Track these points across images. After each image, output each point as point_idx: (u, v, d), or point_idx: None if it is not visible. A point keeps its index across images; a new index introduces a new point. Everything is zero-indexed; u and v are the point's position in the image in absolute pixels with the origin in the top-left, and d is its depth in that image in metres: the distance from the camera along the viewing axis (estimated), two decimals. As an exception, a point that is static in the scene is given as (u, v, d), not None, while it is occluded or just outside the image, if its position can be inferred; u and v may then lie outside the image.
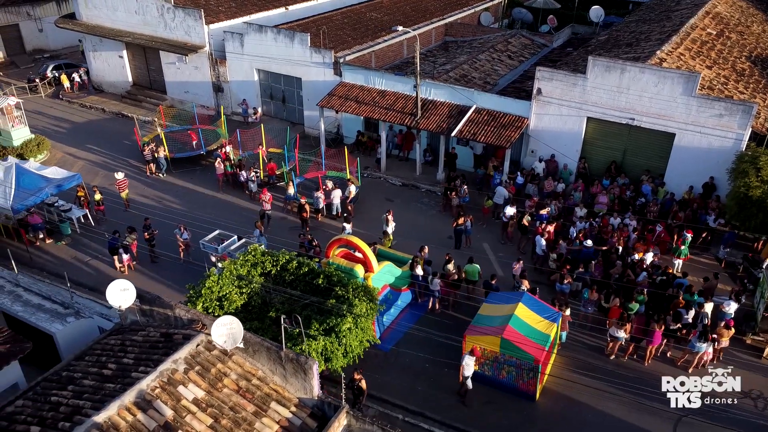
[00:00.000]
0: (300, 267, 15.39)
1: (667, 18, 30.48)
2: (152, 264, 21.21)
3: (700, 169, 21.82)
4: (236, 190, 25.94)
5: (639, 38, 27.76)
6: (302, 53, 28.88)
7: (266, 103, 32.46)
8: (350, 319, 13.72)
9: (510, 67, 30.18)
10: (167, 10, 31.73)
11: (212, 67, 32.35)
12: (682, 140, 21.82)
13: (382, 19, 34.26)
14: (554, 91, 23.36)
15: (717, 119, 20.88)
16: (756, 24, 31.63)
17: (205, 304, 14.20)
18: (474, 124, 24.49)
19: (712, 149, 21.34)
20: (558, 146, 24.18)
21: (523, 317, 15.41)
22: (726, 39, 27.72)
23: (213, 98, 33.27)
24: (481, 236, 22.40)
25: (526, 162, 25.33)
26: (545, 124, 24.13)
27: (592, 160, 24.18)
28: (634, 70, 21.56)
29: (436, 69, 28.39)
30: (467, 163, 26.78)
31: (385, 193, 26.02)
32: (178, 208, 24.42)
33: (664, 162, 22.67)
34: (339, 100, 27.31)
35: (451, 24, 36.92)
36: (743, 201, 18.24)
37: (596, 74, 22.30)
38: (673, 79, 21.04)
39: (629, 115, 22.29)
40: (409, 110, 25.76)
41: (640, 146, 23.05)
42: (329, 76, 28.65)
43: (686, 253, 19.92)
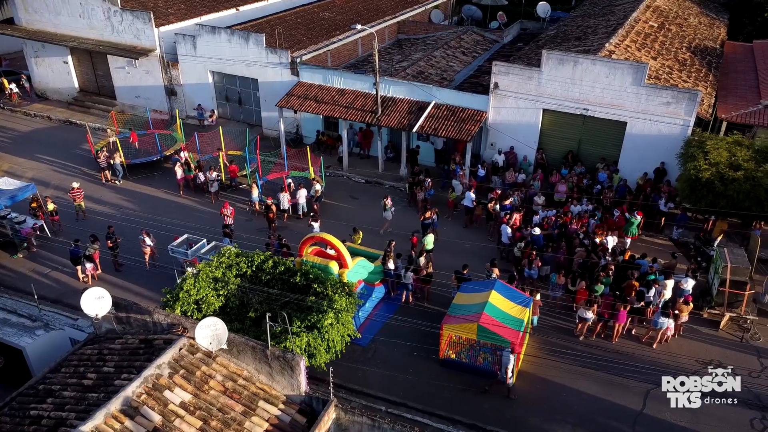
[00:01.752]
0: (276, 266, 15.37)
1: (610, 12, 31.71)
2: (117, 272, 20.68)
3: (651, 156, 22.85)
4: (197, 194, 25.56)
5: (587, 32, 28.79)
6: (258, 54, 28.66)
7: (222, 106, 32.04)
8: (331, 315, 13.82)
9: (465, 63, 30.76)
10: (114, 14, 30.90)
11: (164, 70, 31.69)
12: (633, 128, 22.80)
13: (335, 19, 34.33)
14: (511, 85, 24.00)
15: (665, 107, 21.92)
16: (692, 16, 33.26)
17: (183, 308, 14.02)
18: (434, 120, 24.89)
19: (662, 136, 22.39)
20: (516, 138, 24.86)
21: (497, 304, 15.84)
22: (667, 31, 29.07)
23: (166, 102, 32.60)
24: (447, 228, 22.80)
25: (486, 155, 25.91)
26: (503, 117, 24.76)
27: (550, 150, 24.97)
28: (586, 62, 22.39)
29: (394, 66, 28.68)
30: (429, 159, 27.19)
31: (350, 190, 26.14)
32: (138, 215, 23.86)
33: (618, 150, 23.63)
34: (298, 100, 27.25)
35: (404, 22, 37.32)
36: (694, 183, 19.23)
37: (550, 67, 23.04)
38: (623, 70, 21.97)
39: (583, 106, 23.13)
40: (369, 108, 25.95)
41: (595, 135, 23.96)
42: (286, 76, 28.53)
43: (635, 232, 20.90)
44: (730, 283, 17.19)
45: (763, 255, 19.51)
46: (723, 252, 17.86)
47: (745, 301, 17.31)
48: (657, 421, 14.88)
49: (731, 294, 17.32)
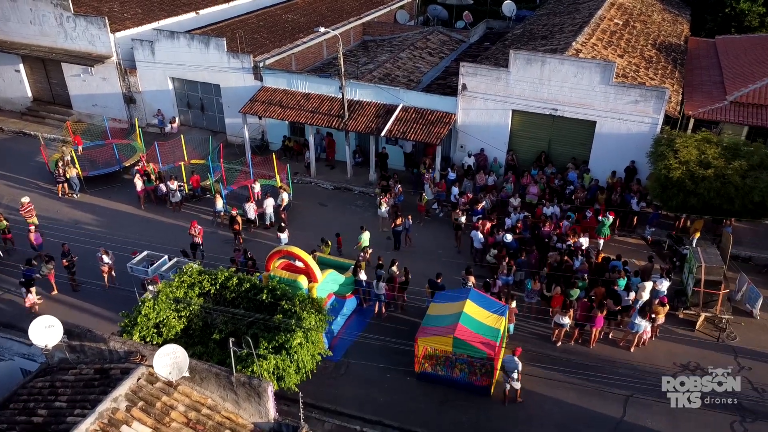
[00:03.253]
0: (241, 283, 14.64)
1: (576, 10, 31.65)
2: (75, 292, 19.65)
3: (621, 154, 22.73)
4: (159, 206, 24.58)
5: (553, 30, 28.64)
6: (219, 59, 27.76)
7: (184, 113, 31.02)
8: (300, 334, 13.16)
9: (432, 64, 30.34)
10: (67, 20, 29.64)
11: (122, 77, 30.54)
12: (602, 127, 22.64)
13: (298, 21, 33.58)
14: (479, 86, 23.63)
15: (633, 105, 21.79)
16: (656, 13, 33.44)
17: (142, 333, 13.20)
18: (402, 123, 24.38)
19: (631, 134, 22.27)
20: (486, 140, 24.50)
21: (472, 314, 15.38)
22: (632, 29, 29.10)
23: (125, 110, 31.43)
24: (419, 234, 22.30)
25: (456, 157, 25.51)
26: (472, 119, 24.38)
27: (521, 151, 24.68)
28: (554, 61, 22.13)
29: (360, 69, 28.09)
30: (398, 163, 26.67)
31: (318, 197, 25.47)
32: (97, 230, 22.83)
33: (588, 149, 23.46)
34: (262, 105, 26.45)
35: (369, 23, 36.76)
36: (664, 182, 19.10)
37: (518, 67, 22.73)
38: (591, 69, 21.77)
39: (552, 106, 22.89)
40: (335, 112, 25.32)
41: (564, 135, 23.74)
42: (249, 81, 27.70)
43: (607, 233, 20.70)
44: (705, 283, 17.05)
45: (734, 252, 19.46)
46: (697, 251, 17.74)
47: (720, 301, 17.20)
48: (638, 428, 14.60)
49: (706, 294, 17.18)
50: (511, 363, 14.78)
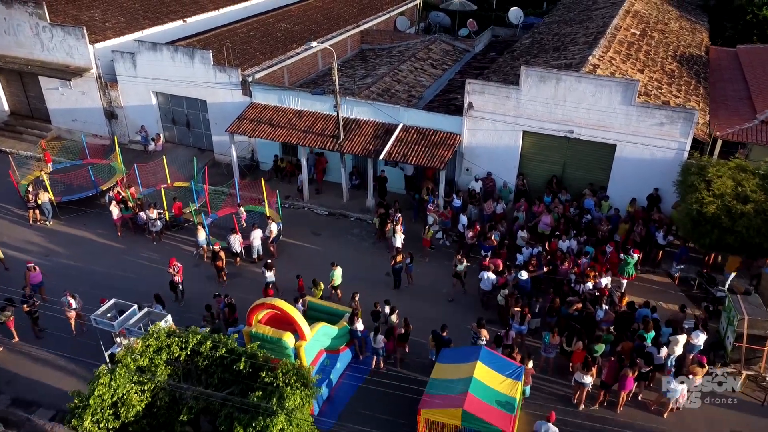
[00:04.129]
0: (216, 348, 12.59)
1: (588, 18, 29.58)
2: (38, 339, 17.59)
3: (643, 181, 20.66)
4: (138, 234, 22.56)
5: (565, 41, 26.56)
6: (205, 73, 25.71)
7: (169, 129, 28.97)
8: (282, 419, 11.11)
9: (434, 77, 28.28)
10: (43, 29, 27.59)
11: (102, 91, 28.49)
12: (623, 151, 20.57)
13: (292, 30, 31.50)
14: (486, 105, 21.57)
15: (658, 128, 19.73)
16: (673, 21, 31.37)
17: (95, 417, 11.16)
18: (403, 144, 22.33)
19: (655, 159, 20.21)
20: (494, 163, 22.46)
21: (483, 379, 13.35)
22: (650, 39, 27.03)
23: (107, 126, 29.40)
24: (423, 271, 20.24)
25: (461, 181, 23.44)
26: (479, 140, 22.32)
27: (532, 175, 22.60)
28: (570, 79, 20.07)
29: (357, 84, 26.03)
30: (398, 185, 24.61)
31: (311, 224, 23.41)
32: (69, 264, 20.84)
33: (606, 174, 21.39)
34: (251, 124, 24.40)
35: (367, 31, 34.67)
36: (697, 218, 17.01)
37: (530, 85, 20.67)
38: (611, 88, 19.71)
39: (567, 127, 20.82)
40: (330, 132, 23.26)
41: (581, 159, 21.67)
42: (238, 97, 25.66)
43: (632, 272, 18.60)
44: (748, 338, 14.99)
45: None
46: (737, 301, 15.64)
47: (765, 357, 15.15)
48: None
49: (749, 350, 15.12)
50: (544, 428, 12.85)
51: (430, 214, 21.12)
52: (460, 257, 18.48)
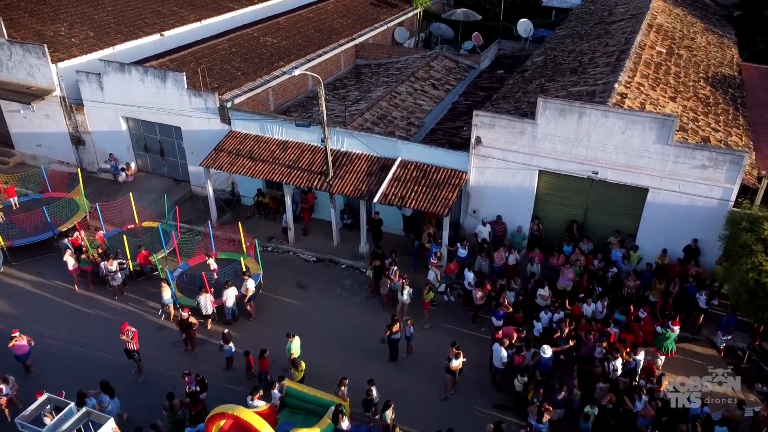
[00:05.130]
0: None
1: (606, 33, 26.66)
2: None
3: (680, 230, 17.79)
4: (97, 286, 19.72)
5: (583, 61, 23.64)
6: (178, 97, 22.83)
7: (141, 157, 26.09)
8: None
9: (436, 100, 25.39)
10: (0, 46, 24.74)
11: (67, 114, 25.62)
12: (657, 196, 17.69)
13: (279, 46, 28.59)
14: (497, 140, 18.70)
15: (699, 171, 16.85)
16: (699, 35, 28.47)
17: None
18: (401, 184, 19.47)
19: (695, 207, 17.33)
20: (505, 205, 19.60)
21: None
22: (677, 58, 24.13)
23: (73, 152, 26.55)
24: (425, 338, 17.35)
25: (467, 224, 20.57)
26: (488, 179, 19.45)
27: (548, 219, 19.72)
28: (596, 113, 17.19)
29: (349, 110, 23.12)
30: (396, 225, 21.75)
31: (296, 272, 20.55)
32: (13, 324, 17.94)
33: (635, 221, 18.52)
34: (228, 156, 21.54)
35: (363, 45, 31.77)
36: (754, 288, 14.15)
37: (548, 119, 17.80)
38: (645, 124, 16.83)
39: (591, 168, 17.95)
40: (318, 167, 20.42)
41: (606, 203, 18.79)
42: (215, 124, 22.81)
43: (672, 347, 15.68)
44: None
45: None
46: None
47: None
48: None
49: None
50: None
51: (431, 269, 18.24)
52: (456, 350, 15.07)
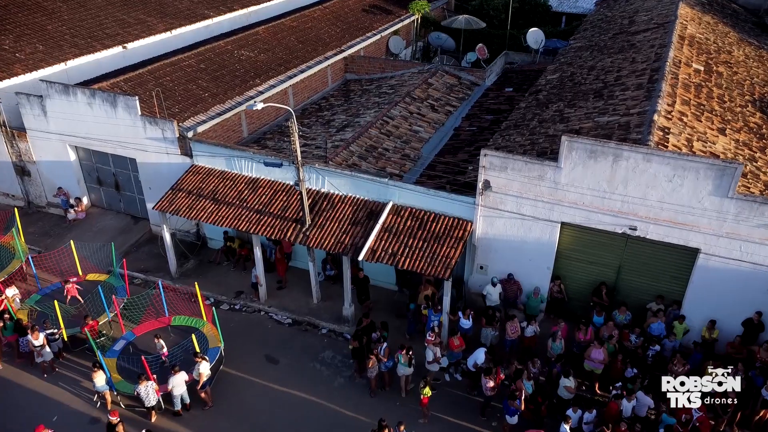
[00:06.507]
0: None
1: (631, 46, 23.15)
2: None
3: (738, 300, 14.34)
4: (25, 360, 16.24)
5: (607, 81, 20.15)
6: (131, 125, 19.36)
7: (94, 191, 22.60)
8: None
9: (435, 125, 21.90)
10: (-71, 63, 21.30)
11: (9, 142, 22.15)
12: (710, 259, 14.20)
13: (256, 60, 25.04)
14: (510, 186, 15.21)
15: (766, 230, 13.38)
16: (735, 46, 24.98)
17: None
18: (392, 236, 15.98)
19: (758, 272, 13.86)
20: (519, 262, 16.12)
21: None
22: (717, 77, 20.64)
23: (18, 184, 23.07)
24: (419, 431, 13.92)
25: (472, 282, 17.08)
26: (499, 231, 15.97)
27: (571, 279, 16.23)
28: (636, 157, 13.71)
29: (332, 142, 19.60)
30: (388, 279, 18.28)
31: (266, 340, 17.03)
32: None
33: (681, 285, 15.05)
34: (188, 198, 18.05)
35: (353, 57, 28.28)
36: None
37: (574, 162, 14.31)
38: (699, 172, 13.35)
39: (628, 222, 14.47)
40: (293, 213, 16.94)
41: (644, 263, 15.28)
42: (175, 156, 19.35)
43: None
44: None
45: None
46: None
47: None
48: None
49: None
50: None
51: (428, 347, 14.71)
52: None
